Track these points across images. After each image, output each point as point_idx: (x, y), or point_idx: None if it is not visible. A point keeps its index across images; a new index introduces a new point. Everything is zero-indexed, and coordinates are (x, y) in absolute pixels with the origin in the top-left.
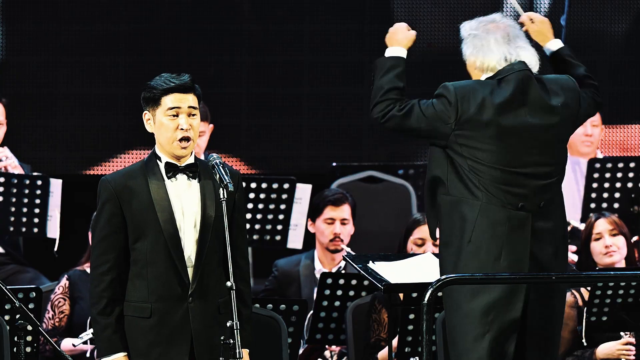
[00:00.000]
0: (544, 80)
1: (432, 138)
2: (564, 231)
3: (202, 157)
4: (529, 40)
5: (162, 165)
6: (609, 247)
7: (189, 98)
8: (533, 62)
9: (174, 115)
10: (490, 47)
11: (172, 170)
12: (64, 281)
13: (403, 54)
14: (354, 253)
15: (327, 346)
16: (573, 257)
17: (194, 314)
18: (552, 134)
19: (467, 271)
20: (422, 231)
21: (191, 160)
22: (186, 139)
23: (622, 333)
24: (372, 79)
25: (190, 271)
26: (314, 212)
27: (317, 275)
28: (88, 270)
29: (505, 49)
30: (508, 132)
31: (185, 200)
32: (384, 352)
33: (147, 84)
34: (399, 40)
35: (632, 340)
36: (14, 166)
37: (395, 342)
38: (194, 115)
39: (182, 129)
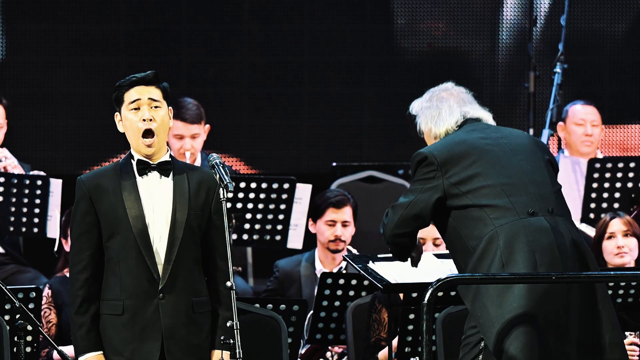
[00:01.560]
0: (503, 127)
1: (432, 200)
2: (581, 238)
3: (199, 158)
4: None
5: (134, 163)
6: (621, 248)
7: (150, 90)
8: (490, 120)
9: (136, 109)
10: (443, 115)
11: (144, 167)
12: (46, 290)
13: None
14: (355, 252)
15: (329, 347)
16: None
17: (165, 310)
18: (526, 146)
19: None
20: (423, 231)
21: (165, 158)
22: (149, 132)
23: (626, 333)
24: None
25: (160, 267)
26: (315, 213)
27: (318, 276)
28: (68, 275)
29: (461, 110)
30: (486, 146)
31: (156, 197)
32: (384, 352)
33: (115, 85)
34: None
35: (637, 340)
36: (14, 166)
37: (395, 342)
38: (156, 107)
39: (144, 120)
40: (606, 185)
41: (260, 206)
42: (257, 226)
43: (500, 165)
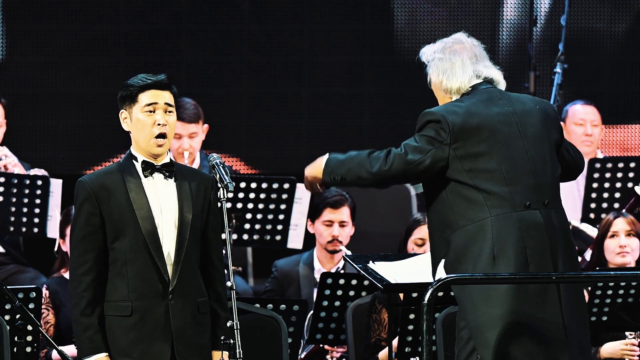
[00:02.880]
0: (514, 94)
1: (437, 164)
2: (569, 232)
3: (198, 158)
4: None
5: (138, 165)
6: (624, 248)
7: (165, 95)
8: (501, 81)
9: (150, 112)
10: (456, 70)
11: (149, 168)
12: (44, 291)
13: None
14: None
15: (329, 350)
16: None
17: (175, 311)
18: (536, 126)
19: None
20: (423, 231)
21: (167, 159)
22: (162, 135)
23: (627, 333)
24: (340, 179)
25: (170, 268)
26: (313, 213)
27: (317, 276)
28: (65, 275)
29: (473, 68)
30: (499, 124)
31: (162, 198)
32: (384, 352)
33: (124, 83)
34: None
35: (635, 341)
36: (14, 164)
37: (395, 342)
38: (170, 112)
39: (159, 124)
40: (606, 185)
41: (260, 206)
42: (257, 226)
43: (507, 147)
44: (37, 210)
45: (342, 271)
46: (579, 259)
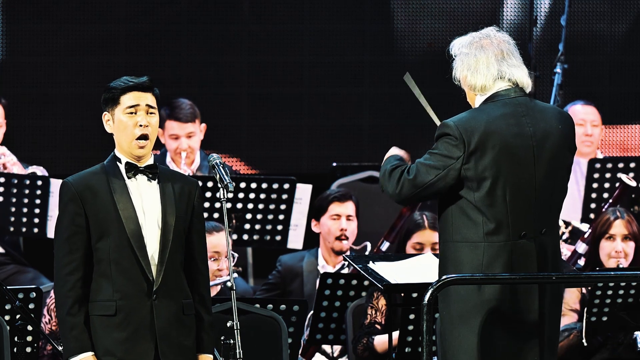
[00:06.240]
0: (540, 106)
1: (448, 184)
2: (559, 256)
3: (198, 157)
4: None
5: (122, 166)
6: (619, 253)
7: (147, 97)
8: (525, 82)
9: (132, 113)
10: (480, 67)
11: (133, 170)
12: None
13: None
14: (355, 251)
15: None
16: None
17: (159, 311)
18: (553, 150)
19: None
20: (421, 236)
21: (150, 161)
22: (144, 136)
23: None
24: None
25: (154, 269)
26: (318, 211)
27: (321, 272)
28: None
29: (498, 67)
30: (514, 149)
31: (145, 200)
32: (383, 341)
33: (107, 86)
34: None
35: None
36: (13, 163)
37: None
38: (152, 113)
39: (140, 125)
40: (606, 185)
41: (261, 206)
42: (257, 226)
43: (516, 175)
44: (37, 211)
45: (346, 269)
46: (572, 252)
